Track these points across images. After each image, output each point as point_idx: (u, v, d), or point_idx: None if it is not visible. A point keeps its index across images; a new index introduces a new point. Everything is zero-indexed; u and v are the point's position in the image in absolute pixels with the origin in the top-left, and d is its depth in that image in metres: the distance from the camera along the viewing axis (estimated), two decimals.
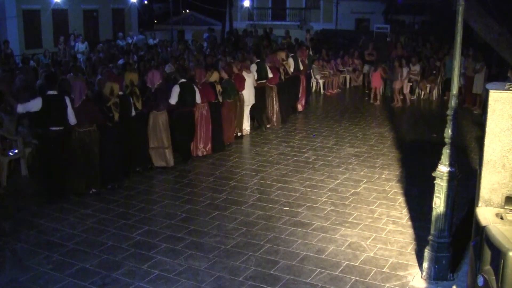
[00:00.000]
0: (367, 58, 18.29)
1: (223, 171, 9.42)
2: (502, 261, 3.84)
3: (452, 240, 5.63)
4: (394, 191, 8.42)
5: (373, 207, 7.73)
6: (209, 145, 10.22)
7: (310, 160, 10.07)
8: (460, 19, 5.22)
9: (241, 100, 11.28)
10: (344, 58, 18.89)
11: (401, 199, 8.07)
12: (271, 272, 5.87)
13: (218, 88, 10.29)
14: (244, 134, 11.76)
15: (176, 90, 9.39)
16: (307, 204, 7.85)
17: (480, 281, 4.13)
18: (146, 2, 35.47)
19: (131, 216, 7.39)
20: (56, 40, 21.75)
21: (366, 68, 18.12)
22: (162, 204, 7.87)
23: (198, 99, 9.72)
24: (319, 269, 5.91)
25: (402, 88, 15.81)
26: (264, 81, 12.00)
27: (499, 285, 3.87)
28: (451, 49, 11.85)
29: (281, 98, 12.71)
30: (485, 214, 4.57)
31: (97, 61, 15.10)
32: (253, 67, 11.83)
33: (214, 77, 10.34)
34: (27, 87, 11.17)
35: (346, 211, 7.60)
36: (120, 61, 15.35)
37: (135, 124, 8.95)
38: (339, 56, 19.01)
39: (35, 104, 7.59)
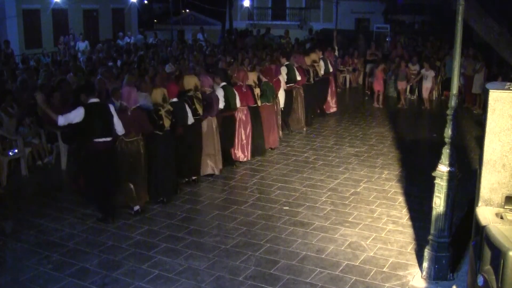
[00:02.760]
0: (369, 57, 18.28)
1: (222, 170, 9.41)
2: (502, 261, 3.84)
3: (452, 240, 5.63)
4: (394, 190, 8.41)
5: (373, 207, 7.73)
6: (249, 151, 9.87)
7: (310, 160, 10.07)
8: (460, 19, 5.22)
9: (278, 104, 10.98)
10: (344, 58, 18.88)
11: (401, 198, 8.07)
12: (271, 271, 5.87)
13: (257, 91, 9.89)
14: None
15: (221, 93, 9.06)
16: (307, 204, 7.85)
17: (480, 281, 4.13)
18: (146, 2, 35.45)
19: (131, 216, 7.38)
20: (56, 40, 21.76)
21: (368, 67, 18.08)
22: (162, 203, 7.87)
23: (238, 102, 9.40)
24: (319, 269, 5.91)
25: (406, 88, 15.77)
26: (292, 84, 11.68)
27: (499, 285, 3.87)
28: (451, 49, 11.85)
29: (308, 100, 12.37)
30: (485, 214, 4.57)
31: (97, 61, 15.12)
32: (283, 70, 11.49)
33: (251, 79, 9.93)
34: (27, 88, 11.18)
35: (346, 210, 7.60)
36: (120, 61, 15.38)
37: (191, 132, 8.41)
38: (339, 56, 19.00)
39: (78, 115, 6.81)
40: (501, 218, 4.46)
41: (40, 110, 10.04)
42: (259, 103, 9.96)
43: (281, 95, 11.30)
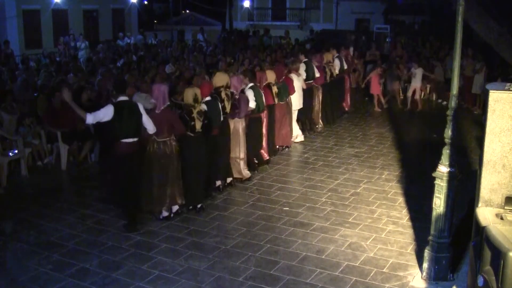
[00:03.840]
0: (368, 58, 18.25)
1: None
2: (502, 261, 3.84)
3: (452, 240, 5.63)
4: (394, 191, 8.41)
5: (373, 208, 7.73)
6: (267, 150, 9.64)
7: (310, 160, 10.06)
8: (460, 19, 5.21)
9: (289, 104, 10.54)
10: None
11: (401, 199, 8.07)
12: (271, 272, 5.86)
13: (274, 89, 9.70)
14: (298, 140, 11.15)
15: (250, 93, 8.77)
16: (307, 204, 7.84)
17: (480, 281, 4.13)
18: (146, 2, 35.46)
19: None
20: (56, 40, 21.78)
21: (368, 68, 18.05)
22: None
23: (264, 103, 9.13)
24: (319, 270, 5.91)
25: (399, 89, 15.73)
26: (311, 81, 11.45)
27: (499, 285, 3.87)
28: (451, 49, 11.85)
29: (326, 100, 12.15)
30: (485, 214, 4.57)
31: (97, 61, 15.13)
32: (302, 67, 11.26)
33: (271, 77, 9.70)
34: (27, 87, 11.20)
35: (346, 211, 7.60)
36: (120, 62, 15.39)
37: (220, 131, 8.08)
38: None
39: (107, 113, 6.54)
40: (501, 218, 4.46)
41: (40, 110, 10.07)
42: (276, 101, 9.75)
43: (299, 95, 10.93)
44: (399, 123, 13.48)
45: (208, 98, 7.78)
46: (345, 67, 13.51)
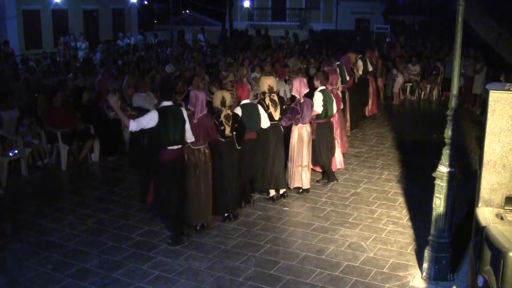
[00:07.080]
0: None
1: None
2: (502, 261, 3.84)
3: (452, 240, 5.63)
4: (394, 191, 8.41)
5: (373, 208, 7.72)
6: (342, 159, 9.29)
7: None
8: (460, 19, 5.22)
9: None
10: None
11: (401, 199, 8.07)
12: (271, 272, 5.86)
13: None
14: None
15: (319, 97, 8.18)
16: (307, 205, 7.84)
17: (480, 281, 4.13)
18: (146, 2, 35.46)
19: (131, 216, 7.39)
20: (56, 40, 21.81)
21: None
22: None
23: (335, 108, 8.61)
24: (319, 270, 5.91)
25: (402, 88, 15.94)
26: (343, 85, 10.93)
27: (499, 285, 3.87)
28: (451, 49, 11.82)
29: (353, 103, 11.72)
30: (485, 214, 4.57)
31: (99, 62, 15.17)
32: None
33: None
34: (29, 87, 11.22)
35: (346, 211, 7.60)
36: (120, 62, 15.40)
37: (267, 138, 7.70)
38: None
39: (151, 119, 6.16)
40: (501, 218, 4.46)
41: (40, 110, 10.08)
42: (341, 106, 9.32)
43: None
44: (399, 123, 13.47)
45: (246, 101, 7.48)
46: (370, 69, 13.10)
